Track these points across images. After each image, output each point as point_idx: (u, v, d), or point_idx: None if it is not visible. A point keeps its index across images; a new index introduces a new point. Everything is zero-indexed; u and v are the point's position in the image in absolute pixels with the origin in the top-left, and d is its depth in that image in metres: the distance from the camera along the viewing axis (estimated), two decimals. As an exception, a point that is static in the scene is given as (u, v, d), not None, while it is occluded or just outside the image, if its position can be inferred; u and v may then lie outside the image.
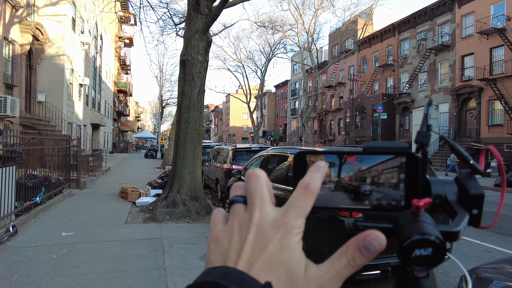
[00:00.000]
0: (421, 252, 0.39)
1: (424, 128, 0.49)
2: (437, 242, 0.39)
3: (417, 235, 0.40)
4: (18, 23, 13.70)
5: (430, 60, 25.88)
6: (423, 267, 0.41)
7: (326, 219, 4.00)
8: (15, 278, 3.86)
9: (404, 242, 0.40)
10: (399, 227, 0.42)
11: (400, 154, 0.47)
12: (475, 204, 0.46)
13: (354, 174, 0.48)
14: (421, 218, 0.42)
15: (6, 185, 5.61)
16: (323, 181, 0.45)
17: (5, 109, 11.32)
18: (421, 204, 0.42)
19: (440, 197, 0.47)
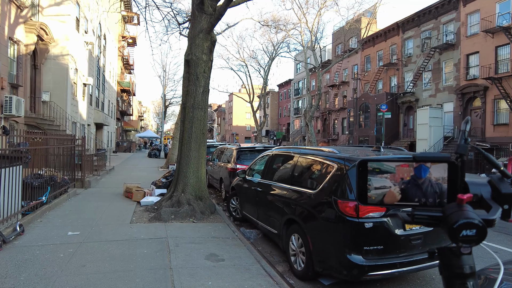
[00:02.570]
0: (467, 233, 0.52)
1: (463, 142, 0.61)
2: (480, 225, 0.52)
3: (464, 219, 0.52)
4: (23, 23, 13.77)
5: (435, 59, 25.74)
6: (468, 244, 0.53)
7: (332, 220, 3.99)
8: (23, 277, 3.88)
9: (454, 224, 0.53)
10: (447, 214, 0.55)
11: (443, 162, 0.59)
12: (506, 200, 0.59)
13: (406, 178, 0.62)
14: (465, 208, 0.55)
15: (13, 184, 5.64)
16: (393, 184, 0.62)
17: (11, 109, 11.38)
18: (465, 198, 0.55)
19: (476, 196, 0.60)
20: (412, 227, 3.98)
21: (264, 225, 5.84)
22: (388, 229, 3.84)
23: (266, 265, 4.61)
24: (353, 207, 3.78)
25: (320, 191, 4.30)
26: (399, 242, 3.89)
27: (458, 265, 0.54)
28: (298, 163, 5.20)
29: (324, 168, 4.46)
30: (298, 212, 4.64)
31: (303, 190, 4.68)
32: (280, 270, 4.78)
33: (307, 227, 4.39)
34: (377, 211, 3.82)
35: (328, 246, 4.05)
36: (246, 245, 5.46)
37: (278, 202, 5.28)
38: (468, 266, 0.54)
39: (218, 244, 5.46)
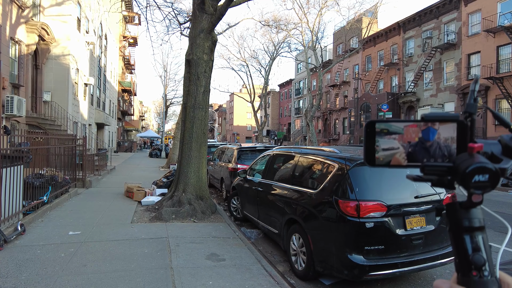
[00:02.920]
0: (479, 178, 0.51)
1: (472, 101, 0.62)
2: (493, 170, 0.51)
3: (477, 164, 0.52)
4: (24, 23, 13.79)
5: (436, 59, 25.70)
6: (480, 190, 0.52)
7: (333, 219, 3.99)
8: (24, 277, 3.89)
9: (467, 169, 0.52)
10: (459, 163, 0.55)
11: (453, 121, 0.59)
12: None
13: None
14: (476, 156, 0.55)
15: (14, 184, 5.65)
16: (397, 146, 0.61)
17: (12, 108, 11.40)
18: (476, 146, 0.55)
19: (487, 154, 0.59)
20: (414, 227, 3.97)
21: (265, 225, 5.84)
22: (389, 229, 3.84)
23: (267, 265, 4.61)
24: (354, 207, 3.77)
25: (321, 191, 4.29)
26: (400, 242, 3.89)
27: (467, 218, 0.53)
28: (299, 163, 5.20)
29: (325, 168, 4.45)
30: (299, 212, 4.64)
31: (304, 190, 4.68)
32: (281, 270, 4.78)
33: (308, 227, 4.39)
34: (378, 210, 3.81)
35: (329, 246, 4.04)
36: (247, 245, 5.46)
37: (279, 202, 5.28)
38: (477, 219, 0.54)
39: (219, 244, 5.46)
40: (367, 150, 0.62)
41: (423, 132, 0.60)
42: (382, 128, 0.61)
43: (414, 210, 4.01)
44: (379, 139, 0.62)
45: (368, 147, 0.62)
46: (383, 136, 0.62)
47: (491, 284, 0.51)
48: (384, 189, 4.01)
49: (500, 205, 9.74)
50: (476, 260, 0.52)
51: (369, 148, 0.62)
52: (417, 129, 0.60)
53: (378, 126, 0.62)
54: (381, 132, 0.62)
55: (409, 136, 0.60)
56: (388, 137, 0.61)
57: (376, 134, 0.62)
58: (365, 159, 0.63)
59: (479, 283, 0.50)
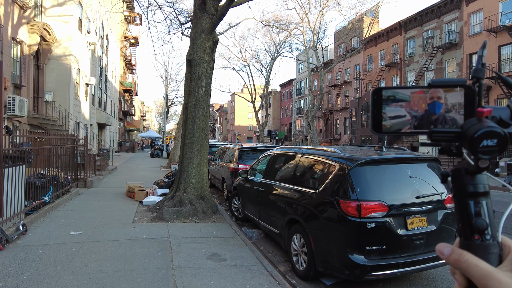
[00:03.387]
0: (487, 143, 0.51)
1: (480, 66, 0.60)
2: (502, 134, 0.51)
3: (486, 128, 0.51)
4: (26, 23, 13.83)
5: (437, 59, 25.66)
6: (488, 156, 0.51)
7: (334, 219, 3.98)
8: (26, 276, 3.90)
9: (475, 133, 0.51)
10: (467, 128, 0.54)
11: (460, 86, 0.58)
12: None
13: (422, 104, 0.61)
14: (485, 120, 0.54)
15: (16, 184, 5.67)
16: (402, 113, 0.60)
17: (14, 109, 11.44)
18: (485, 110, 0.54)
19: (495, 118, 0.58)
20: (415, 227, 3.97)
21: (266, 225, 5.84)
22: (390, 229, 3.83)
23: (268, 265, 4.61)
24: (355, 207, 3.77)
25: (322, 191, 4.29)
26: (402, 242, 3.88)
27: (472, 183, 0.53)
28: (300, 163, 5.19)
29: (326, 168, 4.45)
30: (300, 212, 4.64)
31: (305, 190, 4.67)
32: (282, 270, 4.78)
33: (309, 227, 4.39)
34: (379, 211, 3.81)
35: (330, 246, 4.04)
36: (248, 245, 5.46)
37: (280, 202, 5.28)
38: (482, 185, 0.53)
39: (220, 243, 5.46)
40: (374, 118, 0.62)
41: (429, 105, 0.59)
42: (389, 95, 0.61)
43: (416, 210, 4.00)
44: (386, 107, 0.61)
45: (375, 115, 0.62)
46: (390, 104, 0.61)
47: (492, 247, 0.51)
48: (385, 189, 4.01)
49: (503, 205, 9.72)
50: (478, 224, 0.52)
51: (376, 115, 0.62)
52: (424, 96, 0.60)
53: (385, 93, 0.61)
54: (387, 99, 0.61)
55: (416, 103, 0.60)
56: (395, 104, 0.61)
57: (383, 102, 0.61)
58: (372, 127, 0.63)
59: (481, 246, 0.51)
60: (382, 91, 0.61)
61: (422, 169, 4.44)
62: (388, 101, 0.61)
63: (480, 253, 0.50)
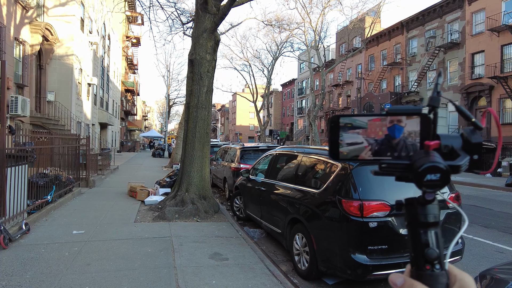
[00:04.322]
0: (431, 177, 0.52)
1: (435, 94, 0.61)
2: (444, 169, 0.53)
3: (429, 163, 0.53)
4: (28, 23, 13.87)
5: (439, 58, 25.59)
6: (432, 189, 0.53)
7: (336, 219, 3.98)
8: (29, 275, 3.92)
9: (419, 168, 0.53)
10: (414, 161, 0.56)
11: (416, 114, 0.60)
12: (476, 150, 0.59)
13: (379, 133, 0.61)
14: (432, 154, 0.55)
15: (19, 183, 5.69)
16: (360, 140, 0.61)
17: (16, 108, 11.48)
18: (431, 144, 0.56)
19: (447, 147, 0.59)
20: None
21: (268, 224, 5.84)
22: (392, 229, 3.83)
23: (270, 264, 4.62)
24: (357, 207, 3.77)
25: (324, 190, 4.29)
26: (404, 241, 3.87)
27: (423, 214, 0.54)
28: (302, 162, 5.19)
29: (328, 168, 4.45)
30: (302, 212, 4.64)
31: (307, 189, 4.67)
32: (284, 269, 4.78)
33: (311, 226, 4.39)
34: (381, 210, 3.81)
35: (332, 246, 4.04)
36: (250, 244, 5.46)
37: (281, 202, 5.28)
38: (432, 215, 0.55)
39: (222, 243, 5.47)
40: (332, 144, 0.63)
41: (389, 129, 0.60)
42: (346, 123, 0.62)
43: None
44: (343, 134, 0.62)
45: (332, 141, 0.63)
46: (347, 131, 0.62)
47: (441, 277, 0.52)
48: (387, 189, 4.00)
49: (505, 205, 9.69)
50: (430, 254, 0.53)
51: (333, 142, 0.63)
52: (381, 123, 0.60)
53: (342, 121, 0.62)
54: (345, 127, 0.62)
55: (373, 130, 0.61)
56: (352, 131, 0.62)
57: (340, 129, 0.62)
58: (330, 153, 0.64)
59: (431, 277, 0.52)
60: (340, 118, 0.62)
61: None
62: (345, 128, 0.62)
63: (430, 283, 0.52)
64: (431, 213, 0.55)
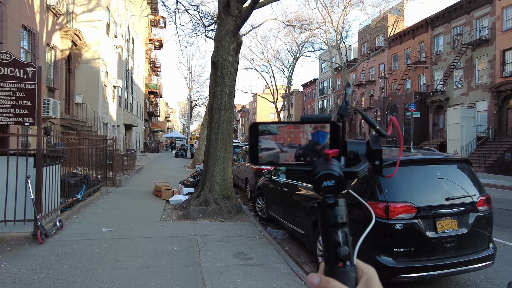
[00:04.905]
0: (327, 183, 0.56)
1: (344, 103, 0.66)
2: (338, 176, 0.56)
3: (324, 171, 0.57)
4: (59, 30, 14.49)
5: (467, 56, 24.71)
6: (330, 194, 0.57)
7: (361, 221, 3.95)
8: (64, 269, 4.13)
9: (316, 175, 0.57)
10: (313, 168, 0.59)
11: (326, 122, 0.64)
12: (376, 156, 0.63)
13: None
14: (330, 162, 0.59)
15: (53, 182, 5.98)
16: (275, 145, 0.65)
17: (48, 111, 12.01)
18: (330, 152, 0.60)
19: (353, 153, 0.64)
20: (445, 230, 3.88)
21: (291, 225, 5.86)
22: (419, 231, 3.77)
23: (294, 265, 4.64)
24: (382, 208, 3.73)
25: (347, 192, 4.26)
26: (431, 244, 3.80)
27: (332, 215, 0.58)
28: (325, 163, 5.17)
29: (353, 169, 4.42)
30: (325, 213, 4.62)
31: (330, 190, 4.66)
32: (307, 270, 4.79)
33: (335, 227, 4.37)
34: (407, 212, 3.76)
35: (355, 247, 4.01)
36: (273, 245, 5.50)
37: (304, 203, 5.29)
38: (339, 216, 0.58)
39: (245, 243, 5.53)
40: (252, 150, 0.66)
41: (313, 135, 0.64)
42: (263, 129, 0.65)
43: (446, 212, 3.91)
44: (261, 140, 0.66)
45: (252, 147, 0.66)
46: (264, 137, 0.65)
47: (351, 272, 0.56)
48: (414, 191, 3.94)
49: (538, 208, 9.26)
50: (341, 252, 0.56)
51: (253, 147, 0.66)
52: (295, 130, 0.64)
53: (261, 128, 0.66)
54: (262, 133, 0.65)
55: (283, 136, 0.65)
56: (268, 137, 0.65)
57: (258, 135, 0.65)
58: (250, 158, 0.67)
59: (343, 273, 0.56)
60: (259, 125, 0.66)
61: (452, 170, 4.33)
62: (263, 134, 0.65)
63: (342, 278, 0.55)
64: (339, 215, 0.58)
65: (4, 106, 5.70)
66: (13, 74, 5.67)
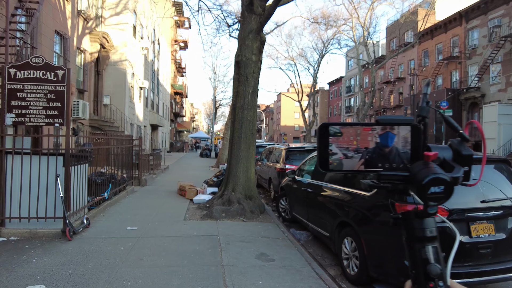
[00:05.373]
0: (435, 189, 0.51)
1: (424, 104, 0.61)
2: (448, 180, 0.51)
3: (433, 175, 0.51)
4: (88, 33, 15.01)
5: (505, 49, 23.34)
6: (436, 202, 0.52)
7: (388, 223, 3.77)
8: (90, 266, 4.22)
9: (423, 181, 0.51)
10: (414, 173, 0.54)
11: (407, 125, 0.58)
12: (466, 162, 0.59)
13: None
14: (432, 165, 0.54)
15: (80, 181, 6.15)
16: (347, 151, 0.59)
17: (78, 112, 12.47)
18: (431, 154, 0.55)
19: (439, 159, 0.58)
20: (480, 235, 3.62)
21: (315, 227, 5.72)
22: (450, 236, 3.53)
23: (318, 268, 4.50)
24: (412, 211, 3.54)
25: (375, 193, 4.09)
26: (464, 250, 3.56)
27: (420, 228, 0.54)
28: (350, 163, 5.00)
29: (379, 169, 4.23)
30: (351, 215, 4.47)
31: (356, 192, 4.49)
32: (332, 273, 4.64)
33: (361, 230, 4.20)
34: (439, 215, 3.54)
35: (384, 251, 3.83)
36: (296, 246, 5.39)
37: (329, 204, 5.13)
38: (429, 230, 0.54)
39: (268, 244, 5.45)
40: (321, 154, 0.60)
41: (381, 137, 0.58)
42: (334, 132, 0.60)
43: (481, 215, 3.65)
44: (332, 143, 0.60)
45: (321, 151, 0.60)
46: (336, 140, 0.59)
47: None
48: (446, 192, 3.71)
49: None
50: (432, 271, 0.51)
51: (322, 152, 0.60)
52: (371, 133, 0.59)
53: (331, 129, 0.60)
54: (334, 136, 0.59)
55: (364, 140, 0.59)
56: (341, 141, 0.59)
57: (329, 138, 0.60)
58: (318, 164, 0.60)
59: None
60: (329, 127, 0.60)
61: (488, 170, 4.04)
62: (335, 137, 0.59)
63: None
64: (428, 227, 0.53)
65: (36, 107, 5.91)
66: (45, 77, 5.87)
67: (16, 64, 5.73)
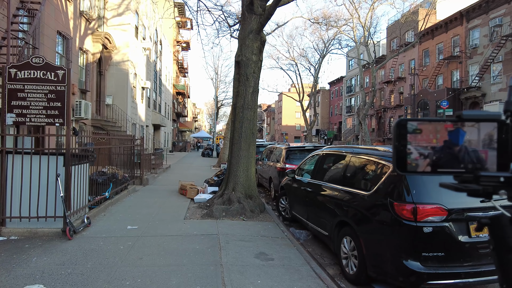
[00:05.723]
0: None
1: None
2: None
3: None
4: (90, 34, 15.06)
5: (506, 49, 23.27)
6: None
7: (387, 223, 3.77)
8: (89, 265, 4.24)
9: None
10: None
11: (493, 121, 0.53)
12: None
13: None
14: None
15: (81, 180, 6.18)
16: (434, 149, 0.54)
17: (80, 112, 12.51)
18: None
19: None
20: (480, 234, 3.62)
21: (314, 226, 5.72)
22: (450, 235, 3.54)
23: (317, 267, 4.51)
24: (410, 210, 3.54)
25: (374, 192, 4.09)
26: (464, 249, 3.56)
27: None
28: (350, 163, 5.00)
29: (379, 169, 4.24)
30: (350, 214, 4.47)
31: (356, 191, 4.49)
32: (330, 272, 4.65)
33: (360, 230, 4.21)
34: (437, 214, 3.53)
35: (383, 251, 3.84)
36: (295, 246, 5.39)
37: (329, 203, 5.14)
38: None
39: (267, 243, 5.46)
40: (398, 154, 0.54)
41: (451, 134, 0.52)
42: (414, 129, 0.54)
43: (481, 215, 3.65)
44: (411, 141, 0.54)
45: (399, 151, 0.54)
46: (415, 138, 0.54)
47: None
48: (444, 192, 3.70)
49: None
50: None
51: (400, 151, 0.54)
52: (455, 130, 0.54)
53: (410, 126, 0.54)
54: (413, 133, 0.54)
55: (444, 137, 0.53)
56: (421, 138, 0.53)
57: (407, 135, 0.54)
58: (395, 165, 0.55)
59: None
60: (407, 123, 0.54)
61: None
62: (414, 134, 0.53)
63: None
64: None
65: (37, 107, 5.94)
66: (45, 77, 5.90)
67: (17, 64, 5.77)
